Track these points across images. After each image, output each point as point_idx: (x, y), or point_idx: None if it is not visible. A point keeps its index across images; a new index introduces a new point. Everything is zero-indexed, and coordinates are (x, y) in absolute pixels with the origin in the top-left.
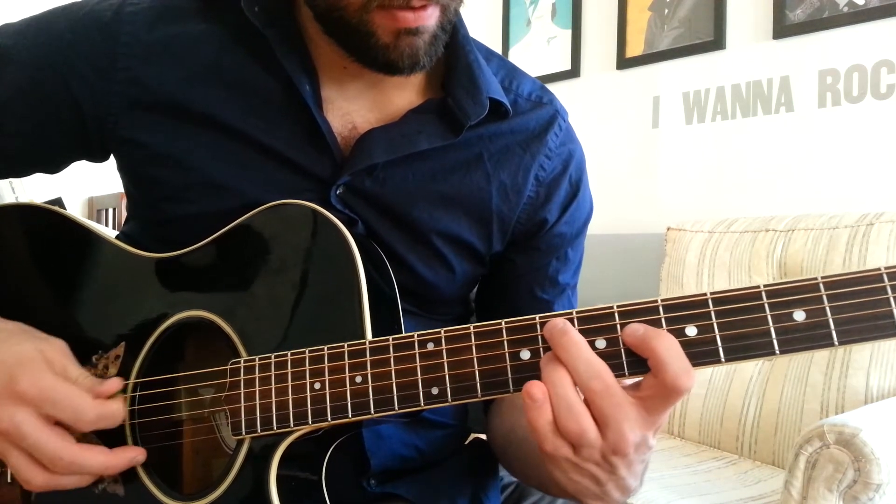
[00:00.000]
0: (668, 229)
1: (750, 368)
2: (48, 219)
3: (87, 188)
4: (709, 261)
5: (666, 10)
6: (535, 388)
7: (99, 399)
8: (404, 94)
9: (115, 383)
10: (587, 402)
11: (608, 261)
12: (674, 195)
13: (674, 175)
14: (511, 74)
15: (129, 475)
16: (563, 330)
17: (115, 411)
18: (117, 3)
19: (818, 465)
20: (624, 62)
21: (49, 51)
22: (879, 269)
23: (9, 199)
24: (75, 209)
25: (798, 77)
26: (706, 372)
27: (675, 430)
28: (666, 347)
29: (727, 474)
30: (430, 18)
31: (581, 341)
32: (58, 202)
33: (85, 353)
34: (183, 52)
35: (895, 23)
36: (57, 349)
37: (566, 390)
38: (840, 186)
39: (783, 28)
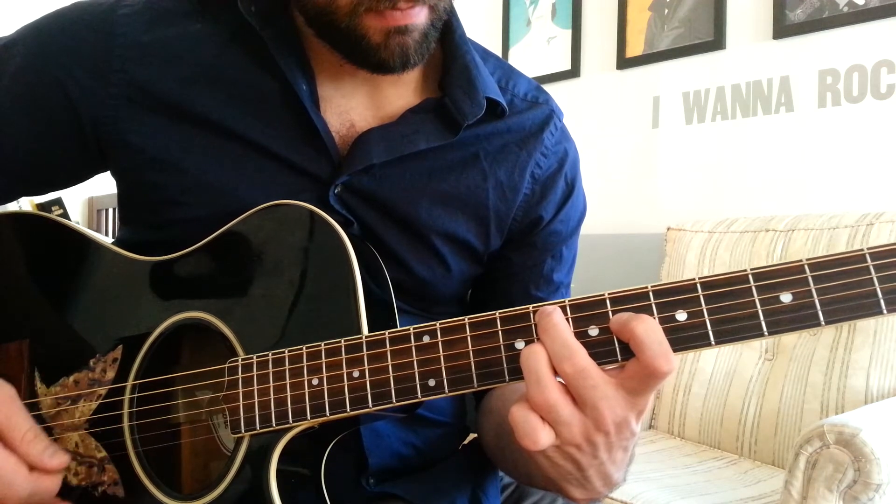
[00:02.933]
0: (668, 229)
1: (750, 368)
2: (42, 225)
3: (87, 188)
4: (709, 261)
5: (666, 10)
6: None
7: (36, 472)
8: (402, 93)
9: (62, 460)
10: (566, 384)
11: (608, 261)
12: (674, 195)
13: (674, 175)
14: (507, 74)
15: (129, 477)
16: (547, 312)
17: (48, 488)
18: (110, 5)
19: (818, 465)
20: (624, 62)
21: (43, 55)
22: (862, 250)
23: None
24: (75, 209)
25: (798, 77)
26: (706, 371)
27: (675, 430)
28: (644, 330)
29: (727, 474)
30: (418, 16)
31: (561, 324)
32: (58, 202)
33: (83, 356)
34: (179, 54)
35: (895, 23)
36: (5, 397)
37: (537, 364)
38: (840, 186)
39: (783, 28)
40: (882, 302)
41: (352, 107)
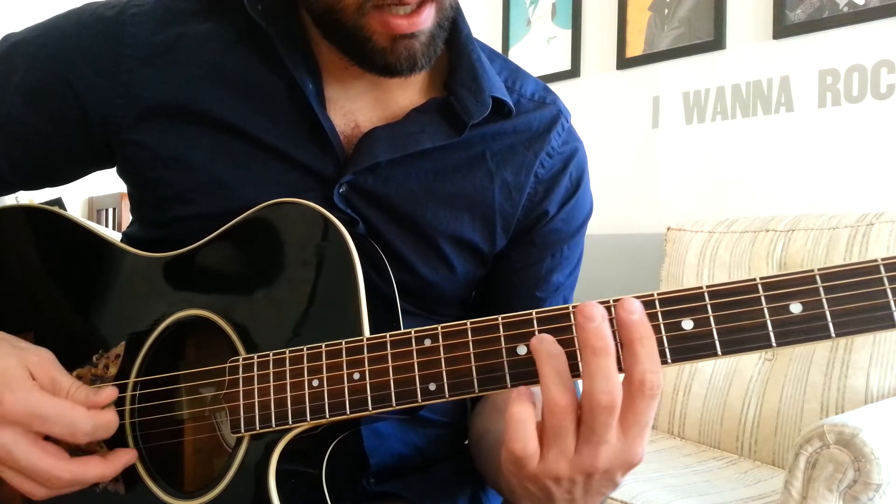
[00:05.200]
0: (668, 229)
1: (750, 368)
2: (48, 219)
3: (87, 188)
4: (709, 261)
5: (666, 10)
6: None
7: (93, 410)
8: (407, 93)
9: (110, 392)
10: (582, 407)
11: (608, 261)
12: (674, 195)
13: (674, 175)
14: (514, 75)
15: (129, 474)
16: (602, 334)
17: (109, 421)
18: (121, 5)
19: (818, 465)
20: (624, 62)
21: (54, 54)
22: (876, 261)
23: (9, 199)
24: (75, 209)
25: (798, 77)
26: (706, 372)
27: (675, 430)
28: (640, 340)
29: (727, 474)
30: (425, 22)
31: (613, 356)
32: (58, 202)
33: (85, 352)
34: (186, 53)
35: (895, 23)
36: (44, 360)
37: (563, 369)
38: (840, 186)
39: (783, 28)
40: (895, 315)
41: (357, 107)
